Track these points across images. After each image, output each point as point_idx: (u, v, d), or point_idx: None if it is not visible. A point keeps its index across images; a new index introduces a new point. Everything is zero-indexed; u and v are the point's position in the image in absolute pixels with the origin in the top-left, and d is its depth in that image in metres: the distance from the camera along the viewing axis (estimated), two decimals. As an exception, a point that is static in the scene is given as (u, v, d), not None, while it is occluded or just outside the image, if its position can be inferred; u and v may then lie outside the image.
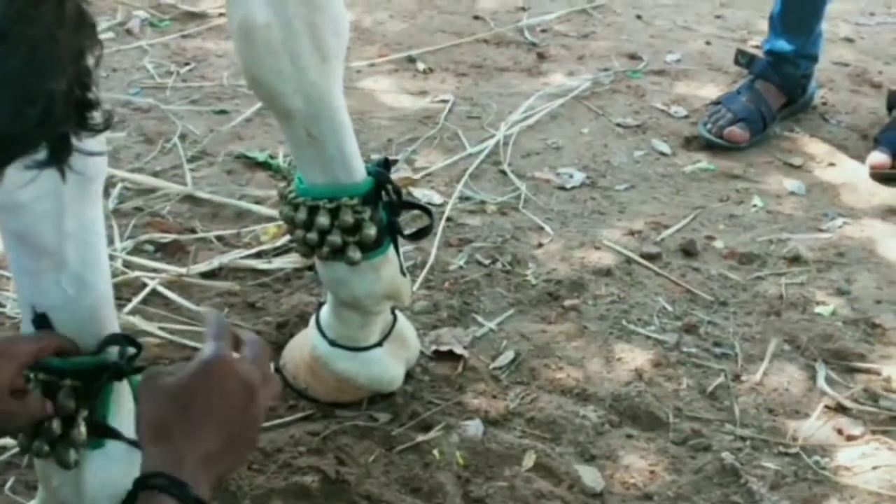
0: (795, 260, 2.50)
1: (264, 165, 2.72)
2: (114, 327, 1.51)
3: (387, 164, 1.89)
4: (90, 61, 0.96)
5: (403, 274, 1.95)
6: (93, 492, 1.51)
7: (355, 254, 1.85)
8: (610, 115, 3.06)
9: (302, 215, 1.85)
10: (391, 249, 1.91)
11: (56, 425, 1.42)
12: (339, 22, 1.73)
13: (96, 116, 0.99)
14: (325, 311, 1.99)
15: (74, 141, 0.96)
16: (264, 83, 1.74)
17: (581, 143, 2.93)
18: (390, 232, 1.89)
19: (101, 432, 1.43)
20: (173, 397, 1.23)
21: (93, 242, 1.46)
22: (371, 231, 1.84)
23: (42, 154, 0.94)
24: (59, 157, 0.96)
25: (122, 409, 1.47)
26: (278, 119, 1.83)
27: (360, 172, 1.84)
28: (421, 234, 1.97)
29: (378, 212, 1.86)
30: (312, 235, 1.85)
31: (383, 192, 1.86)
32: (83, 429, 1.43)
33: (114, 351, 1.46)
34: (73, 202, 1.42)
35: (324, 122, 1.77)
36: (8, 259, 1.51)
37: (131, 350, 1.46)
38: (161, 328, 2.13)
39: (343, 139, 1.79)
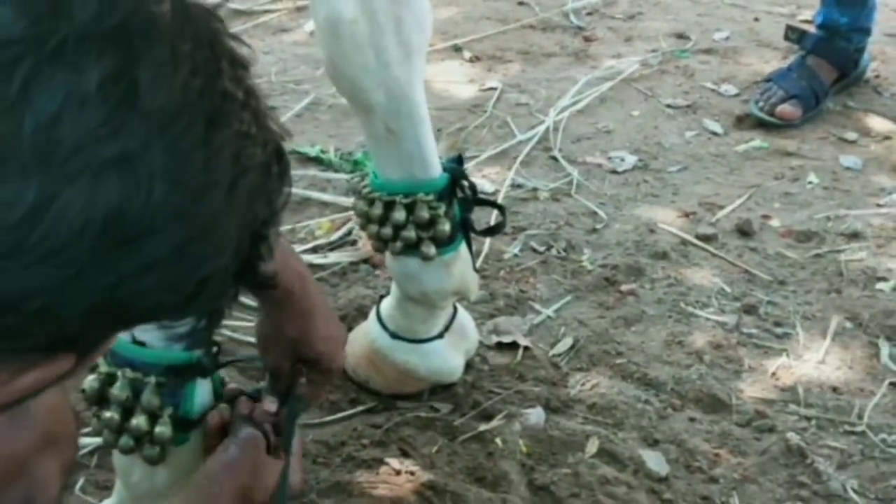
0: (854, 236, 2.47)
1: (316, 160, 2.72)
2: None
3: (460, 160, 1.90)
4: (276, 205, 0.83)
5: (475, 270, 1.96)
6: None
7: (429, 249, 1.86)
8: (659, 97, 3.04)
9: (377, 210, 1.86)
10: (463, 245, 1.91)
11: (143, 421, 1.43)
12: (422, 17, 1.75)
13: (261, 270, 0.85)
14: (386, 304, 2.00)
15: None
16: (348, 77, 1.75)
17: (631, 125, 2.91)
18: (463, 228, 1.90)
19: (187, 428, 1.45)
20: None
21: None
22: (445, 227, 1.85)
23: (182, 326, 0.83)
24: (199, 336, 0.85)
25: (205, 406, 1.49)
26: (357, 113, 1.84)
27: (436, 168, 1.85)
28: (493, 231, 1.98)
29: (453, 208, 1.87)
30: (387, 230, 1.86)
31: (457, 189, 1.87)
32: (168, 425, 1.44)
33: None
34: None
35: (404, 117, 1.78)
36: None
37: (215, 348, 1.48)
38: (220, 325, 2.15)
39: (421, 134, 1.80)
